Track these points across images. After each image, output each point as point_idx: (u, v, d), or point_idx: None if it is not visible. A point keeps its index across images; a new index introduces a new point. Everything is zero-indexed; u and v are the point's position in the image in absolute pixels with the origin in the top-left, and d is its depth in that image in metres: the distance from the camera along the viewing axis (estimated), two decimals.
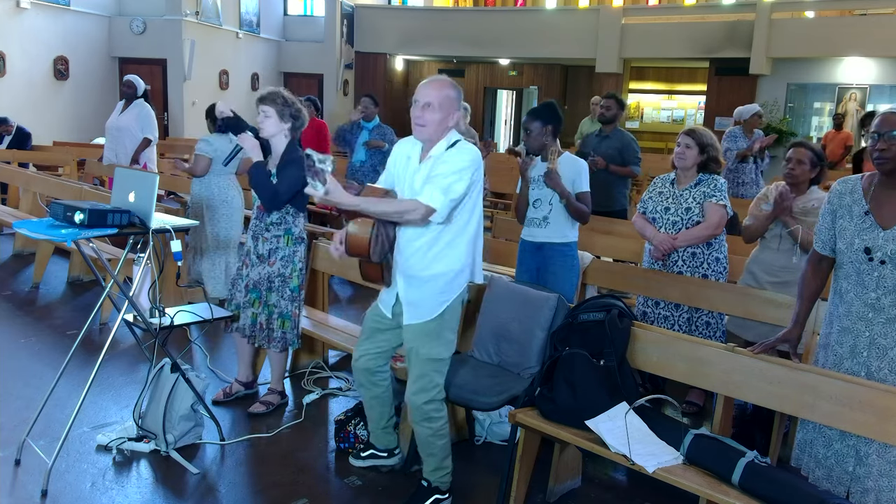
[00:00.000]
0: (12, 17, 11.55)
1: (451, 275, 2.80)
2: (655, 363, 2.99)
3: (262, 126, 3.54)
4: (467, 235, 2.80)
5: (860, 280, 2.48)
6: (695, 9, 16.10)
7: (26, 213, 6.84)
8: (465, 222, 2.78)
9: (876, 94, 13.93)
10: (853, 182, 2.56)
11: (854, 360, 2.51)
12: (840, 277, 2.58)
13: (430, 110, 2.72)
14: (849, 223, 2.51)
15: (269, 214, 3.63)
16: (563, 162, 3.88)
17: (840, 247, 2.55)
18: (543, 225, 3.95)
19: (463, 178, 2.67)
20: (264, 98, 3.55)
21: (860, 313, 2.48)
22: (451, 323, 2.88)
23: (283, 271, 3.67)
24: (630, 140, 5.88)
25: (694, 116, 17.70)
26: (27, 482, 3.08)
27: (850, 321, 2.51)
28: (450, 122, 2.76)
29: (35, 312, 5.42)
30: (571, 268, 3.98)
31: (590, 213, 3.93)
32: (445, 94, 2.75)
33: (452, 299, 2.82)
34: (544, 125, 3.86)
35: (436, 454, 2.94)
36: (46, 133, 11.54)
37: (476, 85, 18.41)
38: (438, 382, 2.88)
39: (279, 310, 3.70)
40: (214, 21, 14.55)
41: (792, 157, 3.68)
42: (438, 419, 2.89)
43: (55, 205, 3.05)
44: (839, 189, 2.59)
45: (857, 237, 2.47)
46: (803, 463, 2.67)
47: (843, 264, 2.55)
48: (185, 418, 3.36)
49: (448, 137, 2.77)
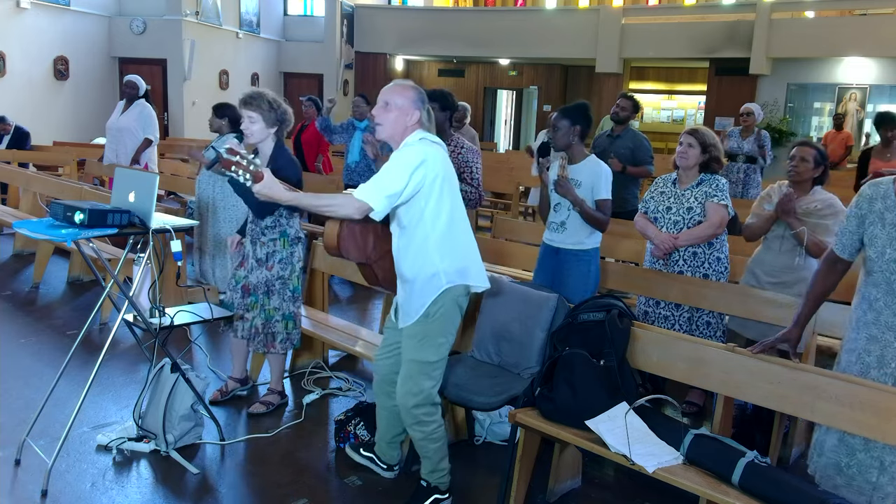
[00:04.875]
0: (12, 17, 11.55)
1: (425, 277, 2.76)
2: (655, 363, 2.99)
3: (249, 131, 3.49)
4: (435, 237, 2.74)
5: (890, 289, 2.42)
6: (695, 9, 16.10)
7: (26, 213, 6.84)
8: (430, 224, 2.73)
9: (876, 94, 13.93)
10: (885, 187, 2.44)
11: (881, 370, 2.46)
12: (870, 284, 2.50)
13: (385, 110, 2.76)
14: (881, 231, 2.42)
15: (264, 219, 3.62)
16: (585, 167, 3.84)
17: (871, 255, 2.47)
18: (561, 230, 3.91)
19: (400, 175, 2.64)
20: (249, 102, 3.47)
21: (889, 323, 2.43)
22: (441, 326, 2.81)
23: (283, 273, 3.67)
24: (643, 139, 5.84)
25: (694, 116, 17.69)
26: (27, 482, 3.08)
27: (879, 330, 2.46)
28: (408, 121, 2.76)
29: (35, 312, 5.42)
30: (586, 275, 3.88)
31: (607, 221, 3.84)
32: (401, 93, 2.77)
33: (430, 302, 2.76)
34: (573, 125, 3.81)
35: (431, 457, 2.93)
36: (46, 133, 11.53)
37: (476, 85, 18.40)
38: (425, 386, 2.83)
39: (282, 311, 3.70)
40: (214, 21, 14.55)
41: (796, 154, 3.67)
42: (430, 423, 2.86)
43: (55, 205, 3.05)
44: (869, 193, 2.48)
45: (889, 246, 2.39)
46: (819, 466, 2.62)
47: (873, 272, 2.47)
48: (185, 418, 3.36)
49: (410, 137, 2.77)
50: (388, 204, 2.64)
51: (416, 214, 2.73)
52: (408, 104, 2.76)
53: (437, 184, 2.72)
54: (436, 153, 2.74)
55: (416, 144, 2.73)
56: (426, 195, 2.70)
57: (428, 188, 2.70)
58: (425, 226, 2.74)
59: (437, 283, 2.76)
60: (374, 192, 2.62)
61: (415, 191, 2.67)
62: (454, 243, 2.80)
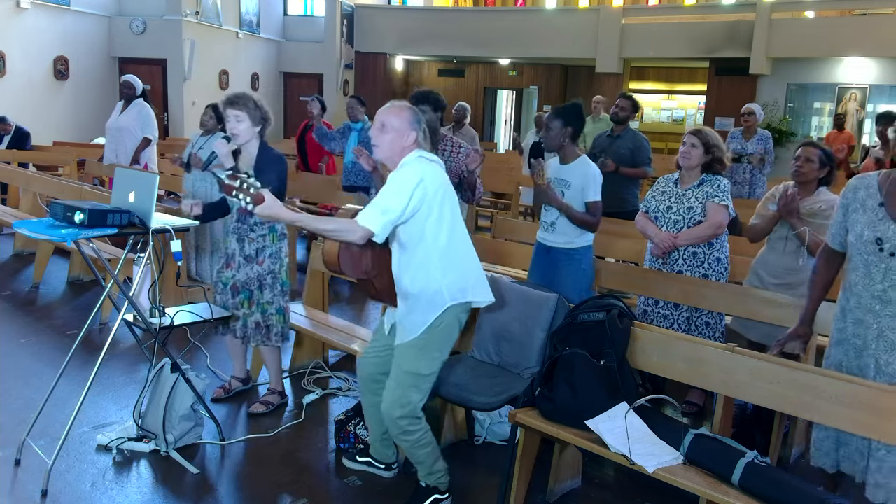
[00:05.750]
0: (12, 17, 11.55)
1: (428, 294, 2.75)
2: (655, 363, 2.99)
3: (236, 130, 3.49)
4: (436, 255, 2.74)
5: (868, 272, 2.50)
6: (695, 9, 16.11)
7: (26, 213, 6.84)
8: (431, 242, 2.73)
9: (876, 94, 13.93)
10: (870, 178, 2.58)
11: (864, 352, 2.53)
12: (850, 270, 2.59)
13: (382, 132, 2.76)
14: (861, 216, 2.53)
15: (253, 215, 3.62)
16: (575, 168, 3.85)
17: (850, 239, 2.57)
18: (551, 230, 3.94)
19: (400, 196, 2.64)
20: (235, 102, 3.50)
21: (868, 305, 2.51)
22: (439, 342, 2.82)
23: (274, 268, 3.69)
24: (643, 140, 5.83)
25: (694, 116, 17.69)
26: (27, 482, 3.08)
27: (861, 313, 2.53)
28: (405, 142, 2.76)
29: (35, 312, 5.42)
30: (579, 273, 3.91)
31: (597, 223, 3.86)
32: (397, 115, 2.77)
33: (433, 320, 2.76)
34: (565, 126, 3.82)
35: (424, 461, 2.93)
36: (46, 133, 11.53)
37: (476, 85, 18.40)
38: (413, 399, 2.82)
39: (275, 305, 3.72)
40: (214, 21, 14.56)
41: (801, 154, 3.67)
42: (415, 432, 2.86)
43: (55, 205, 3.05)
44: (854, 184, 2.62)
45: (867, 228, 2.49)
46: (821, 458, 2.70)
47: (853, 257, 2.57)
48: (185, 418, 3.36)
49: (407, 157, 2.76)
50: (390, 226, 2.64)
51: (417, 233, 2.72)
52: (404, 125, 2.76)
53: (436, 201, 2.71)
54: (433, 171, 2.74)
55: (414, 163, 2.73)
56: (426, 213, 2.70)
57: (427, 206, 2.69)
58: (426, 243, 2.73)
59: (441, 301, 2.76)
60: (375, 216, 2.61)
61: (414, 210, 2.67)
62: (455, 259, 2.80)
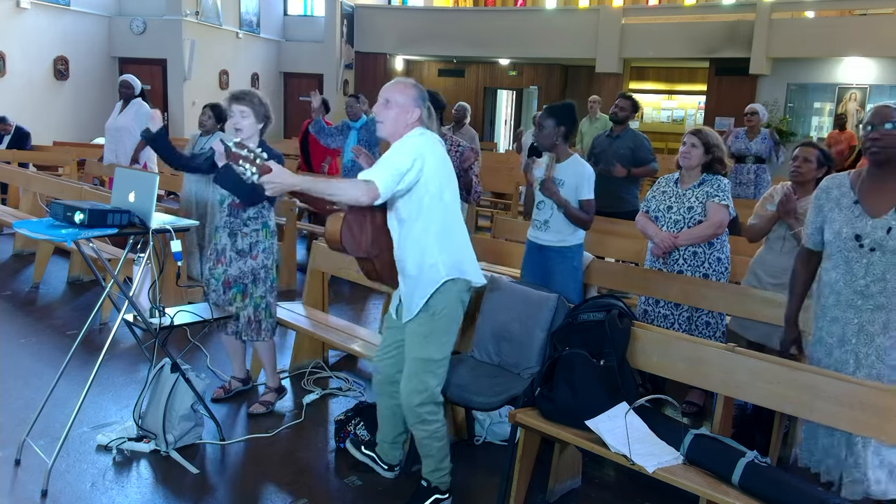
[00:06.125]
0: (12, 17, 11.55)
1: (425, 268, 2.77)
2: (655, 363, 2.99)
3: (240, 126, 3.50)
4: (434, 230, 2.76)
5: (849, 268, 2.53)
6: (695, 9, 16.10)
7: (26, 213, 6.83)
8: (427, 217, 2.75)
9: (876, 94, 13.92)
10: (840, 178, 2.65)
11: (843, 348, 2.57)
12: (829, 269, 2.62)
13: (386, 107, 2.77)
14: (837, 214, 2.58)
15: (246, 210, 3.63)
16: (568, 167, 3.86)
17: (828, 237, 2.61)
18: (544, 228, 3.96)
19: (401, 158, 2.65)
20: (241, 98, 3.52)
21: (849, 301, 2.54)
22: (446, 324, 2.84)
23: (266, 262, 3.70)
24: (643, 139, 5.83)
25: (694, 116, 17.69)
26: (27, 482, 3.08)
27: (840, 310, 2.57)
28: (409, 118, 2.77)
29: (35, 312, 5.42)
30: (571, 270, 3.96)
31: (591, 220, 3.90)
32: (402, 91, 2.78)
33: (430, 294, 2.77)
34: (557, 125, 3.83)
35: (433, 455, 2.94)
36: (46, 133, 11.53)
37: (476, 85, 18.40)
38: (430, 384, 2.84)
39: (266, 300, 3.73)
40: (214, 21, 14.55)
41: (799, 155, 3.70)
42: (434, 422, 2.87)
43: (55, 205, 3.05)
44: (825, 185, 2.67)
45: (845, 226, 2.54)
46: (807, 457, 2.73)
47: (832, 255, 2.61)
48: (185, 418, 3.36)
49: (410, 133, 2.77)
50: (393, 183, 2.61)
51: (416, 207, 2.73)
52: (408, 101, 2.77)
53: (435, 177, 2.73)
54: (435, 147, 2.76)
55: (417, 137, 2.75)
56: (425, 186, 2.71)
57: (426, 180, 2.71)
58: (424, 219, 2.75)
59: (437, 275, 2.77)
60: (378, 172, 2.61)
61: (414, 181, 2.68)
62: (451, 237, 2.83)
